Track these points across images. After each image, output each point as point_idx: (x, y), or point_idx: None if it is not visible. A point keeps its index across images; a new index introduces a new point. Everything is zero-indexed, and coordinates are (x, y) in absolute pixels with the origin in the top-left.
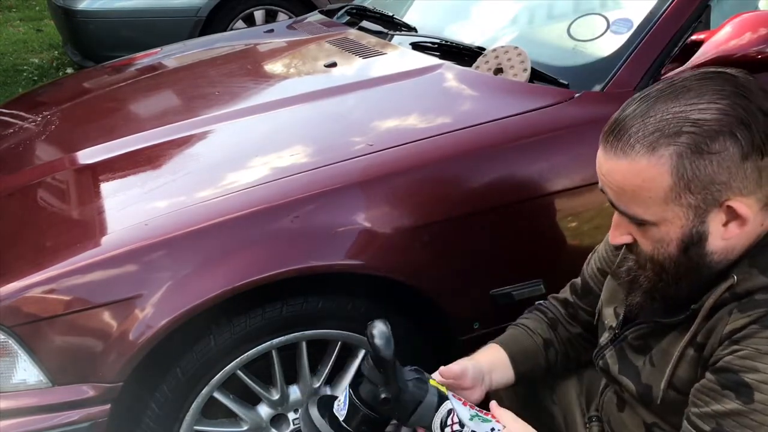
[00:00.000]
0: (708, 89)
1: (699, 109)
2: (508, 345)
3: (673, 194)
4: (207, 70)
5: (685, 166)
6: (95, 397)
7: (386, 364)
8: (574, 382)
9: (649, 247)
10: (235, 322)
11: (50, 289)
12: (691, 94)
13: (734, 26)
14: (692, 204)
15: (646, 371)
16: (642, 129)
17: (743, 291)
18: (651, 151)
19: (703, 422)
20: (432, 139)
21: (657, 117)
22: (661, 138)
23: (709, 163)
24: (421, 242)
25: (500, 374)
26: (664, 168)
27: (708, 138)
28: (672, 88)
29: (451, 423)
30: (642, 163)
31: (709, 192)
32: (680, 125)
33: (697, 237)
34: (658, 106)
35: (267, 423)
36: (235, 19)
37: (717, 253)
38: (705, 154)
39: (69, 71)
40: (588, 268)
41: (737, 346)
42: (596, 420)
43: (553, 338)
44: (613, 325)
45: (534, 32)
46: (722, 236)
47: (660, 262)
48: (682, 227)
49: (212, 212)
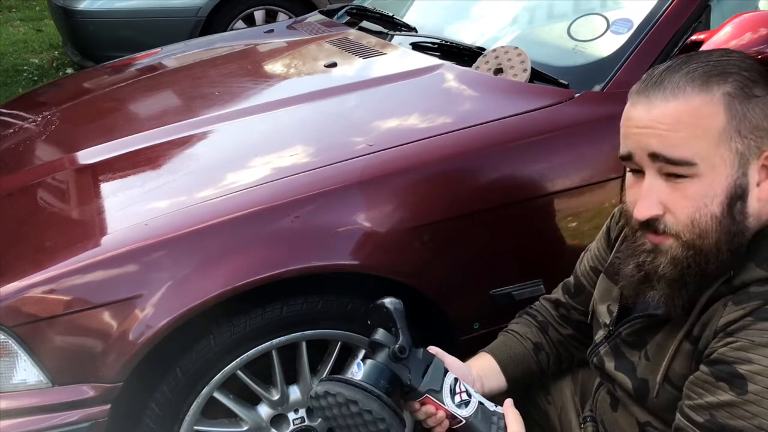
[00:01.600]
0: (731, 53)
1: (734, 60)
2: (497, 352)
3: (726, 135)
4: (207, 70)
5: (736, 107)
6: (95, 397)
7: (397, 317)
8: (568, 382)
9: (689, 209)
10: (235, 322)
11: (50, 289)
12: (719, 53)
13: (734, 26)
14: (739, 150)
15: (642, 366)
16: (689, 74)
17: (739, 283)
18: (705, 89)
19: (696, 414)
20: (432, 139)
21: (700, 64)
22: (712, 77)
23: (755, 106)
24: (421, 242)
25: (491, 381)
26: (718, 106)
27: (752, 81)
28: (696, 53)
29: (459, 391)
30: (696, 101)
31: (755, 137)
32: (725, 68)
33: (741, 191)
34: (694, 59)
35: (267, 423)
36: (235, 19)
37: (752, 216)
38: (751, 97)
39: (69, 71)
40: (581, 267)
41: (731, 338)
42: (591, 420)
43: (543, 341)
44: (607, 322)
45: (534, 32)
46: (758, 197)
47: (702, 226)
48: (728, 177)
49: (212, 212)
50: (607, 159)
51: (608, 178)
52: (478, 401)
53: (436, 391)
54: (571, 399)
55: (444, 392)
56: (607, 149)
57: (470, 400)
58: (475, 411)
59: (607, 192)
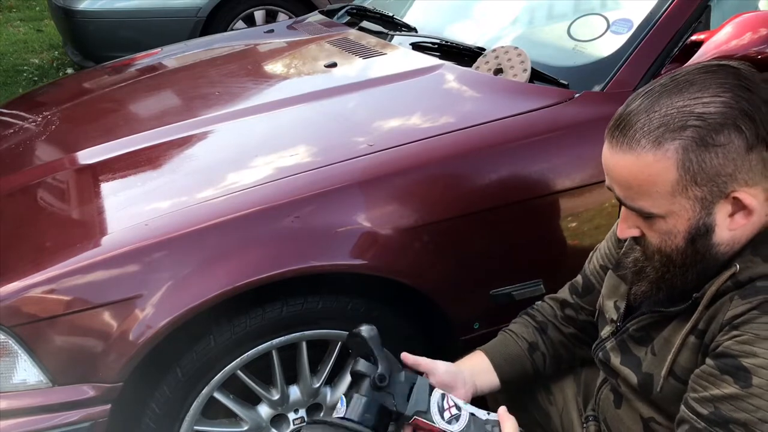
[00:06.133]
0: (711, 82)
1: (703, 102)
2: (491, 351)
3: (680, 187)
4: (207, 70)
5: (690, 160)
6: (95, 397)
7: (373, 345)
8: (570, 382)
9: (656, 240)
10: (235, 322)
11: (50, 289)
12: (695, 88)
13: (734, 26)
14: (699, 196)
15: (648, 360)
16: (647, 124)
17: (745, 279)
18: (657, 145)
19: (701, 407)
20: (432, 139)
21: (662, 111)
22: (667, 132)
23: (714, 156)
24: (421, 242)
25: (483, 379)
26: (670, 162)
27: (713, 131)
28: (675, 82)
29: (447, 406)
30: (648, 157)
31: (716, 184)
32: (685, 119)
33: (704, 229)
34: (663, 100)
35: (267, 423)
36: (235, 20)
37: (723, 244)
38: (710, 147)
39: (69, 71)
40: (590, 266)
41: (737, 332)
42: (593, 419)
43: (540, 341)
44: (614, 318)
45: (534, 32)
46: (728, 227)
47: (668, 254)
48: (689, 219)
49: (212, 212)
50: None
51: None
52: (469, 413)
53: (423, 411)
54: (573, 399)
55: (432, 411)
56: None
57: (460, 414)
58: (467, 424)
59: (607, 192)
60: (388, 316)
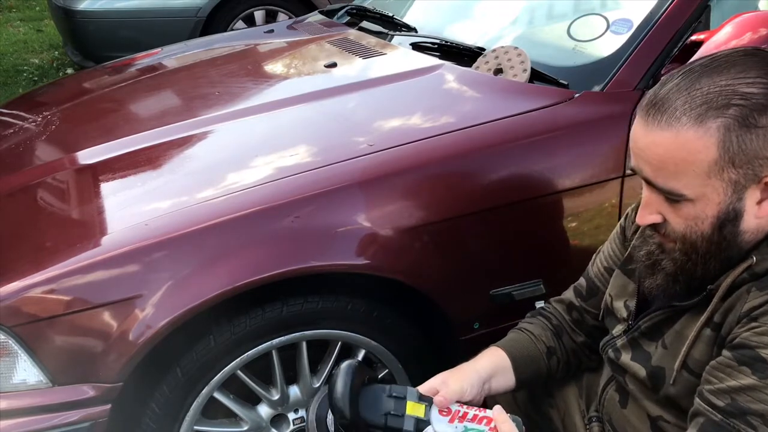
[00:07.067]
0: (754, 64)
1: (747, 82)
2: (512, 350)
3: (717, 168)
4: (207, 70)
5: (731, 140)
6: (95, 397)
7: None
8: (572, 385)
9: (681, 226)
10: (235, 322)
11: (50, 289)
12: (737, 69)
13: (734, 26)
14: (733, 179)
15: (658, 354)
16: (689, 101)
17: (762, 270)
18: (699, 122)
19: (717, 398)
20: (432, 139)
21: (704, 90)
22: (710, 110)
23: (755, 137)
24: (421, 242)
25: (500, 380)
26: (711, 140)
27: (756, 111)
28: (716, 62)
29: None
30: (688, 135)
31: (751, 167)
32: (729, 98)
33: (733, 214)
34: (704, 79)
35: (267, 423)
36: (235, 20)
37: (749, 232)
38: (752, 127)
39: (69, 71)
40: (594, 268)
41: (755, 323)
42: (596, 420)
43: (557, 347)
44: (625, 317)
45: (534, 32)
46: (756, 214)
47: (692, 241)
48: (719, 204)
49: (212, 212)
50: (607, 159)
51: (608, 178)
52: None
53: None
54: (575, 401)
55: None
56: (607, 149)
57: None
58: None
59: (607, 192)
60: (388, 316)
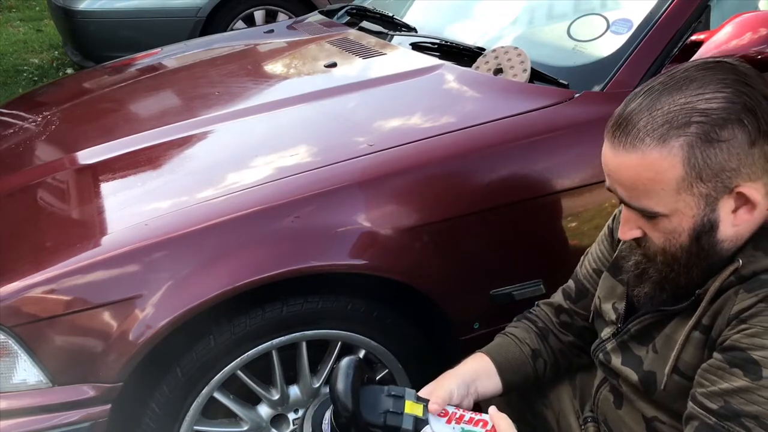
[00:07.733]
0: (711, 79)
1: (705, 98)
2: (495, 354)
3: (685, 184)
4: (207, 70)
5: (696, 156)
6: (95, 397)
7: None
8: (566, 385)
9: (660, 239)
10: (235, 322)
11: (50, 289)
12: (696, 85)
13: (734, 26)
14: (703, 193)
15: (649, 359)
16: (650, 122)
17: (749, 273)
18: (662, 143)
19: (710, 401)
20: (432, 139)
21: (664, 109)
22: (671, 129)
23: (719, 151)
24: (421, 242)
25: (486, 384)
26: (676, 159)
27: (717, 126)
28: (675, 79)
29: None
30: (653, 155)
31: (720, 180)
32: (689, 116)
33: (709, 225)
34: (664, 98)
35: (267, 423)
36: (235, 19)
37: (727, 240)
38: (715, 142)
39: (69, 71)
40: (582, 270)
41: (745, 325)
42: (591, 420)
43: (542, 348)
44: (614, 319)
45: (534, 32)
46: (732, 223)
47: (672, 253)
48: (694, 217)
49: (212, 212)
50: None
51: None
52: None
53: None
54: (569, 402)
55: None
56: None
57: None
58: None
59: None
60: (388, 316)
